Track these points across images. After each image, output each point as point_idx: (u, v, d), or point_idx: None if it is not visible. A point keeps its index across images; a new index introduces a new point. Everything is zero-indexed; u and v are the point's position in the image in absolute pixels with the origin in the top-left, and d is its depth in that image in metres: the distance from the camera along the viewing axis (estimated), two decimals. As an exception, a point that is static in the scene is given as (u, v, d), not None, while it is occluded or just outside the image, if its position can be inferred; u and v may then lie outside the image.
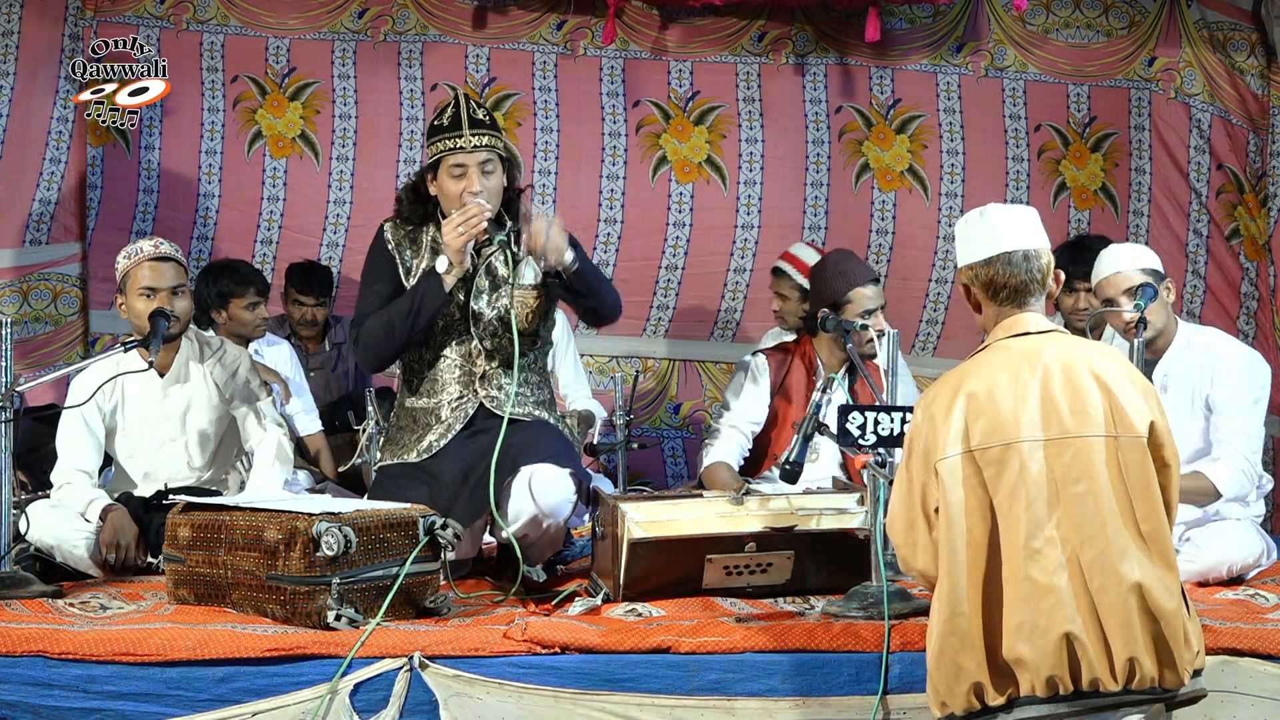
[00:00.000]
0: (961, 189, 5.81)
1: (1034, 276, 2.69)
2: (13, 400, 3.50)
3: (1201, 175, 5.73)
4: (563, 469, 3.64)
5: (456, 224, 3.67)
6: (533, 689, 3.05)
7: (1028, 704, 2.53)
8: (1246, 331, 5.68)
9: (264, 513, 3.34)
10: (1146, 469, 2.59)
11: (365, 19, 5.67)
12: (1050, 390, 2.60)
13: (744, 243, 5.80)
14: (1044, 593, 2.52)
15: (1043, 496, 2.55)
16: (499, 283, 3.84)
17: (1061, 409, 2.58)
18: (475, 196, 3.69)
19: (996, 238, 2.70)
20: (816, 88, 5.80)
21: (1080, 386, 2.60)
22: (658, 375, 5.83)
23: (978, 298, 2.75)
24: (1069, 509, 2.55)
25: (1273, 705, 3.10)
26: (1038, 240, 2.72)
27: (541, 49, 5.74)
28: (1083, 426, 2.57)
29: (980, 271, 2.71)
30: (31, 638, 3.06)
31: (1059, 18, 5.77)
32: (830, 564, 3.52)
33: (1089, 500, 2.55)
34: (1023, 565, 2.53)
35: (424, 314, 3.72)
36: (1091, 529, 2.54)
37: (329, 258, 5.67)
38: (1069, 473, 2.56)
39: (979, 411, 2.60)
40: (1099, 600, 2.53)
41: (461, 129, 3.73)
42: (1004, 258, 2.68)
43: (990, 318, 2.74)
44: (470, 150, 3.71)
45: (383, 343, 3.77)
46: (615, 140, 5.79)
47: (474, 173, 3.72)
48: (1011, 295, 2.69)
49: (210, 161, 5.64)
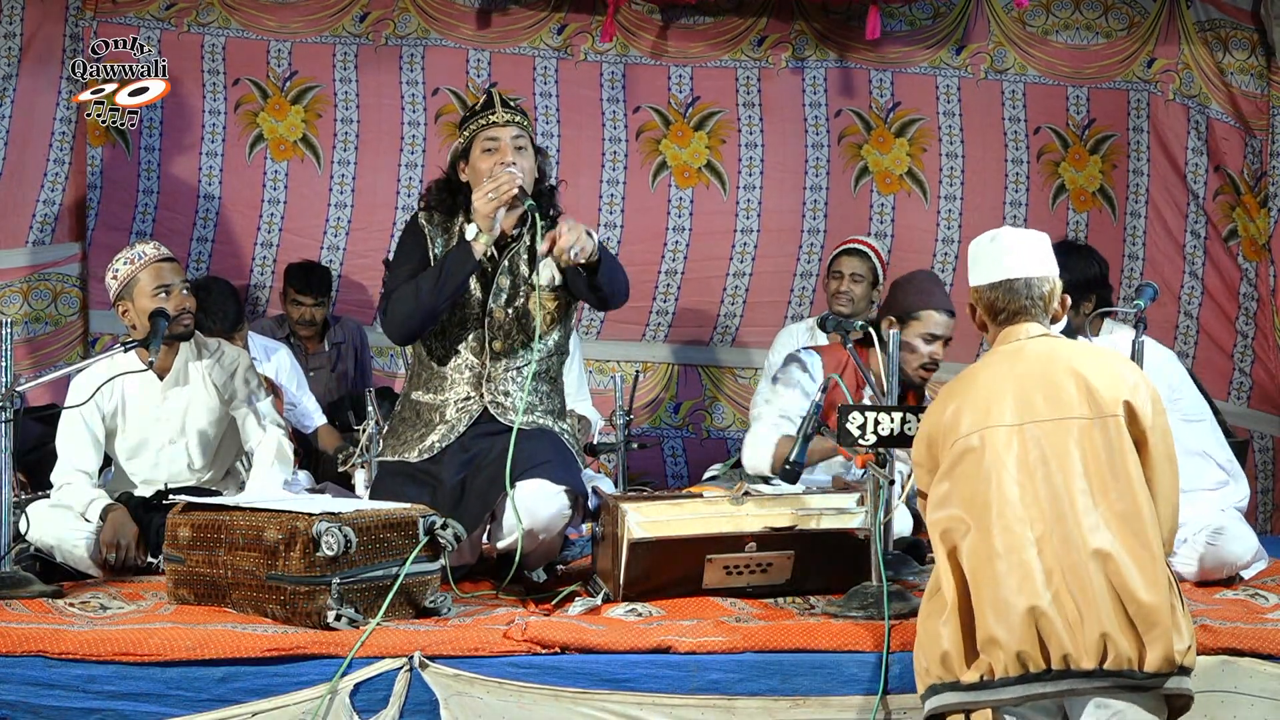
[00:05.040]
0: (960, 191, 5.82)
1: (1034, 302, 2.86)
2: (13, 400, 3.50)
3: (1199, 177, 5.75)
4: (557, 485, 3.62)
5: (487, 190, 3.66)
6: (533, 689, 3.04)
7: (1002, 685, 2.60)
8: (1245, 332, 5.69)
9: (264, 513, 3.34)
10: (1121, 449, 2.67)
11: (367, 22, 5.68)
12: (1026, 381, 2.74)
13: (743, 247, 5.81)
14: (1013, 569, 2.61)
15: (1013, 477, 2.67)
16: (518, 283, 3.83)
17: (1034, 396, 2.72)
18: (507, 167, 3.70)
19: (1003, 264, 2.88)
20: (816, 91, 5.81)
21: (1055, 375, 2.74)
22: (658, 375, 5.83)
23: (982, 318, 2.93)
24: (1038, 489, 2.66)
25: (1273, 705, 3.09)
26: (1043, 268, 2.88)
27: (542, 54, 5.75)
28: (1054, 410, 2.70)
29: (984, 294, 2.90)
30: (31, 638, 3.05)
31: (1059, 19, 5.78)
32: (830, 564, 3.51)
33: (1058, 479, 2.66)
34: (995, 544, 2.63)
35: (452, 279, 3.68)
36: (1061, 507, 2.64)
37: (329, 260, 5.67)
38: (1040, 454, 2.68)
39: (965, 406, 2.76)
40: (1069, 576, 2.60)
41: (494, 108, 3.78)
42: (1006, 284, 2.87)
43: (993, 336, 2.92)
44: (503, 125, 3.76)
45: (410, 309, 3.72)
46: (615, 145, 5.80)
47: (507, 145, 3.75)
48: (1010, 319, 2.88)
49: (211, 164, 5.65)
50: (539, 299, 3.77)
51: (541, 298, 3.79)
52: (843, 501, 3.56)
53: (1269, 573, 3.86)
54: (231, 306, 4.95)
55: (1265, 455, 5.66)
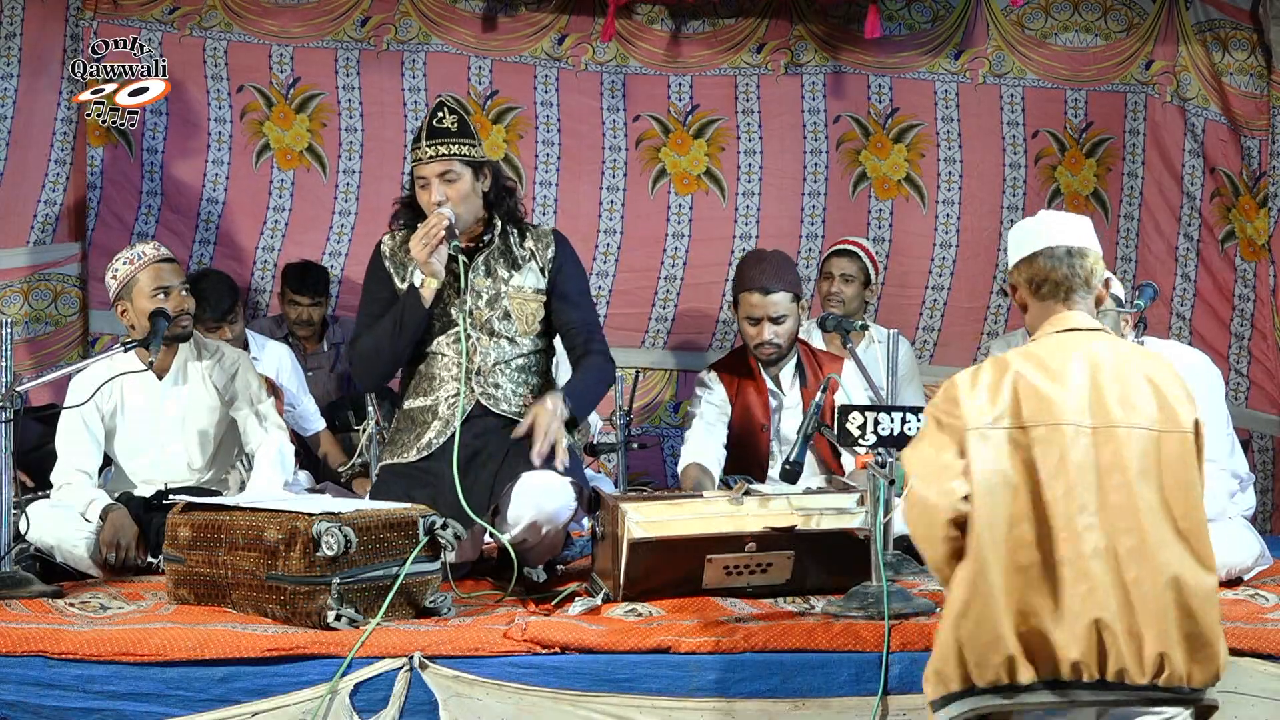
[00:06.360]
0: (958, 196, 5.83)
1: (1076, 273, 2.67)
2: (13, 400, 3.50)
3: (1195, 179, 5.75)
4: (563, 476, 3.66)
5: (419, 237, 3.75)
6: (532, 689, 3.04)
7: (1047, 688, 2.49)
8: (1241, 334, 5.70)
9: (264, 513, 3.34)
10: (1189, 466, 2.57)
11: (368, 27, 5.69)
12: (1099, 380, 2.57)
13: (742, 253, 5.81)
14: (1079, 578, 2.48)
15: (1084, 482, 2.52)
16: (498, 284, 3.87)
17: (1109, 399, 2.56)
18: (439, 207, 3.76)
19: (1043, 236, 2.71)
20: (815, 97, 5.82)
21: (1129, 380, 2.58)
22: (658, 376, 5.84)
23: (1023, 296, 2.74)
24: (1108, 497, 2.52)
25: (1273, 705, 3.09)
26: (1086, 241, 2.72)
27: (542, 62, 5.77)
28: (1129, 417, 2.55)
29: (1023, 268, 2.71)
30: (31, 638, 3.05)
31: (1058, 21, 5.79)
32: (830, 564, 3.51)
33: (1129, 490, 2.52)
34: (1058, 548, 2.50)
35: (406, 330, 3.80)
36: (1130, 520, 2.51)
37: (331, 265, 5.67)
38: (1112, 461, 2.53)
39: (1027, 391, 2.56)
40: (1134, 591, 2.49)
41: (420, 141, 3.82)
42: (1046, 252, 2.68)
43: (1036, 316, 2.72)
44: (427, 161, 3.80)
45: (373, 361, 3.87)
46: (615, 154, 5.81)
47: (434, 184, 3.79)
48: (1053, 290, 2.68)
49: (218, 171, 5.65)
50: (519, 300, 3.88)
51: (523, 299, 3.89)
52: (843, 501, 3.56)
53: (1269, 573, 3.86)
54: (225, 296, 4.97)
55: (1264, 455, 5.66)
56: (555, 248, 3.95)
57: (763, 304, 4.26)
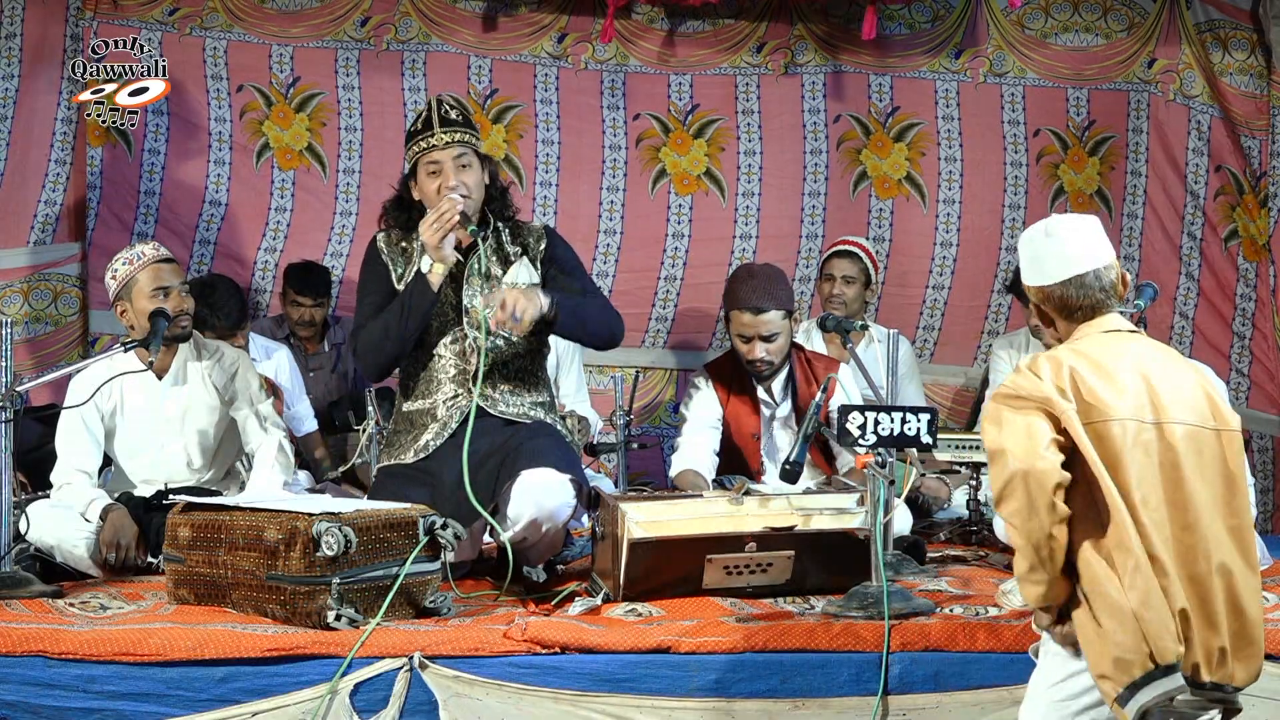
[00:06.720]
0: (959, 195, 5.83)
1: (1107, 294, 2.69)
2: (13, 400, 3.50)
3: (1199, 177, 5.75)
4: (562, 474, 3.66)
5: (431, 221, 3.74)
6: (532, 689, 3.05)
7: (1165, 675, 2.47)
8: (1243, 334, 5.69)
9: (264, 513, 3.34)
10: (1238, 465, 2.59)
11: (368, 27, 5.69)
12: (1151, 377, 2.59)
13: (742, 253, 5.81)
14: (1159, 571, 2.48)
15: (1147, 477, 2.52)
16: (490, 279, 3.87)
17: (1163, 396, 2.57)
18: (451, 192, 3.76)
19: (1067, 260, 2.69)
20: (815, 97, 5.82)
21: (1181, 378, 2.61)
22: (658, 376, 5.83)
23: (1051, 315, 2.75)
24: (1170, 493, 2.53)
25: (1273, 705, 3.10)
26: (1105, 254, 2.72)
27: (542, 61, 5.76)
28: (1187, 414, 2.57)
29: (1054, 293, 2.70)
30: (31, 638, 3.06)
31: (1058, 21, 5.79)
32: (830, 564, 3.51)
33: (1189, 486, 2.53)
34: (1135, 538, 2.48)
35: (414, 314, 3.78)
36: (1190, 515, 2.52)
37: (332, 265, 5.66)
38: (1173, 457, 2.54)
39: (1083, 385, 2.56)
40: (1195, 586, 2.50)
41: (433, 128, 3.83)
42: (1076, 281, 2.68)
43: (1066, 330, 2.74)
44: (443, 147, 3.80)
45: (380, 347, 3.83)
46: (615, 153, 5.81)
47: (449, 168, 3.80)
48: (1087, 314, 2.69)
49: (219, 171, 5.64)
50: None
51: None
52: (843, 501, 3.57)
53: (1269, 573, 3.85)
54: (235, 305, 4.97)
55: (1264, 455, 5.66)
56: (546, 240, 3.99)
57: (754, 323, 4.27)
